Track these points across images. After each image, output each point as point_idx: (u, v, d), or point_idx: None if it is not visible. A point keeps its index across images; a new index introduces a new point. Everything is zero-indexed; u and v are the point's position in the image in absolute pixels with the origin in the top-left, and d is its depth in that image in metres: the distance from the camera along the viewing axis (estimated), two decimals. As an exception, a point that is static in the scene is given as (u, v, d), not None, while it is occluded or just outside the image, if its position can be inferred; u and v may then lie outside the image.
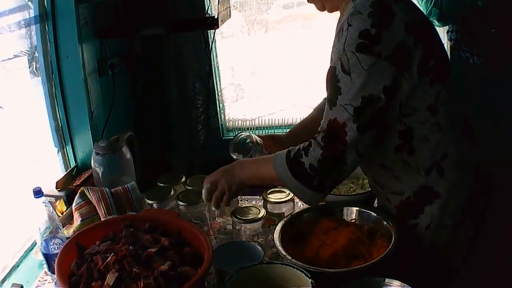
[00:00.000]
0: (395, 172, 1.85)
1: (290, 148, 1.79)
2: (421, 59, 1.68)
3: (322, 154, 1.69)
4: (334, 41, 1.76)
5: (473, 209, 1.85)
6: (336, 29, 1.98)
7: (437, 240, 1.85)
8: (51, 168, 2.69)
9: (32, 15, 2.54)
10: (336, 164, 1.71)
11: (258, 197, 2.32)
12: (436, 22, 3.10)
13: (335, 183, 1.81)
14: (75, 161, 2.79)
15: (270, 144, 2.22)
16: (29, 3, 2.54)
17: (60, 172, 2.67)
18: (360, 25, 1.64)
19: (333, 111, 1.70)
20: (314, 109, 2.31)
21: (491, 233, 1.90)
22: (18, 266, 2.16)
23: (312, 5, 1.93)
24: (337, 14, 1.93)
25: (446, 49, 2.47)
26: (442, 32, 3.28)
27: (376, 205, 2.09)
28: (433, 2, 3.05)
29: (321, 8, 1.90)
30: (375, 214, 1.94)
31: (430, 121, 1.75)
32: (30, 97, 2.62)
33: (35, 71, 2.61)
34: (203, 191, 1.95)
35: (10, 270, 2.13)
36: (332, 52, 1.77)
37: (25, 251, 2.23)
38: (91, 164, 2.47)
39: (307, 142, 1.75)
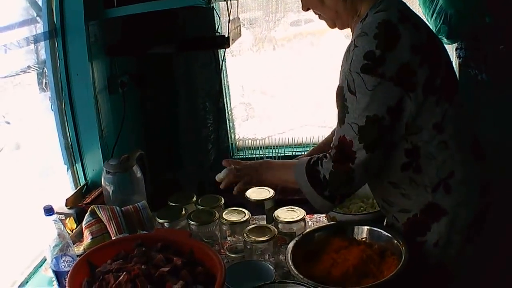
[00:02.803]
0: (403, 190, 1.85)
1: (314, 156, 1.86)
2: (426, 79, 1.69)
3: (333, 168, 1.76)
4: (342, 60, 1.79)
5: (481, 227, 1.84)
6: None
7: (444, 257, 1.84)
8: (61, 185, 2.69)
9: (39, 29, 2.55)
10: (344, 181, 1.76)
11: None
12: (445, 40, 3.11)
13: (343, 196, 1.85)
14: (85, 179, 2.79)
15: None
16: (37, 18, 2.55)
17: (69, 190, 2.67)
18: (365, 46, 1.67)
19: (342, 128, 1.76)
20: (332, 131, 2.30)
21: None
22: (27, 282, 2.16)
23: (323, 22, 1.94)
24: (347, 31, 1.93)
25: (455, 66, 2.46)
26: (451, 49, 3.28)
27: (386, 224, 2.07)
28: (442, 20, 3.06)
29: (332, 25, 1.92)
30: (385, 233, 1.94)
31: (437, 139, 1.76)
32: (39, 112, 2.62)
33: (44, 87, 2.62)
34: (225, 171, 2.05)
35: (19, 286, 2.13)
36: (340, 70, 1.80)
37: (34, 267, 2.23)
38: (101, 182, 2.46)
39: (326, 153, 1.82)
